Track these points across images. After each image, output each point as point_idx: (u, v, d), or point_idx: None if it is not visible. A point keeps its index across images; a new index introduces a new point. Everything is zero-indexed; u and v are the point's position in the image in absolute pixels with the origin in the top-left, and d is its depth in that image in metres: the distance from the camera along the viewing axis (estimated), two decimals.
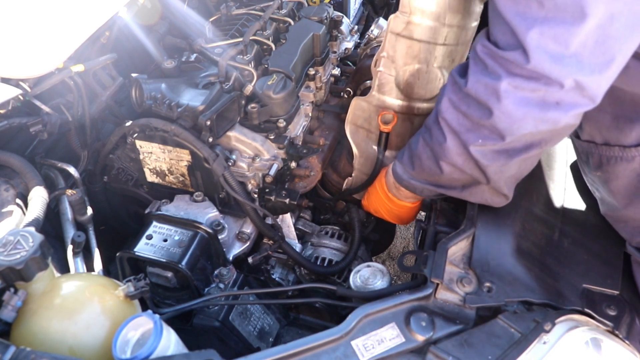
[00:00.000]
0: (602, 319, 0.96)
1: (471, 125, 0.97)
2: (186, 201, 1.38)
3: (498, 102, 0.89)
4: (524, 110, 0.88)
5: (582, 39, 0.80)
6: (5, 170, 1.26)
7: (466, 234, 1.09)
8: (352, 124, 1.46)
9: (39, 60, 1.15)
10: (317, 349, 0.89)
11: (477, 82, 0.93)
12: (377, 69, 1.33)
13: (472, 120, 0.96)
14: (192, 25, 1.57)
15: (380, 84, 1.35)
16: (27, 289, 0.88)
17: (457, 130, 1.00)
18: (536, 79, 0.85)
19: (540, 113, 0.88)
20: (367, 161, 1.53)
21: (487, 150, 0.98)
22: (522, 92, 0.87)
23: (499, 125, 0.92)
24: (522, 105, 0.88)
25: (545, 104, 0.87)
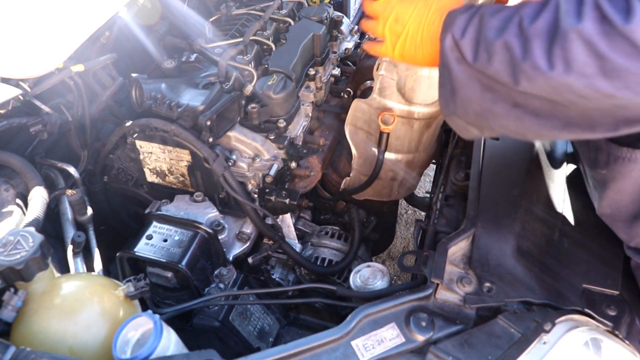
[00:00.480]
0: (602, 319, 0.96)
1: (602, 72, 0.70)
2: (186, 201, 1.38)
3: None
4: None
5: None
6: (5, 170, 1.26)
7: (466, 234, 1.09)
8: (352, 125, 1.47)
9: (39, 60, 1.15)
10: (317, 349, 0.89)
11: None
12: (379, 73, 1.33)
13: (609, 66, 0.70)
14: (192, 25, 1.57)
15: (382, 87, 1.35)
16: (27, 289, 0.88)
17: (576, 68, 0.72)
18: None
19: None
20: (365, 162, 1.53)
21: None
22: None
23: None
24: None
25: None
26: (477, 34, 0.82)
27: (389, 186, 1.62)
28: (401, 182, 1.62)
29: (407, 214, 2.92)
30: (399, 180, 1.60)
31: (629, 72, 0.69)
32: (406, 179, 1.61)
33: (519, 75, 0.77)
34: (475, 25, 0.82)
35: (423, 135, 1.47)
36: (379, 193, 1.64)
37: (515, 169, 1.27)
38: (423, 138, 1.48)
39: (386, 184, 1.60)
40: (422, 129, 1.44)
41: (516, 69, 0.77)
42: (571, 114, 0.79)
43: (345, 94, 1.66)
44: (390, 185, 1.62)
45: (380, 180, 1.56)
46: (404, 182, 1.63)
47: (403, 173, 1.57)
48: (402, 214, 2.90)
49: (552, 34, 0.73)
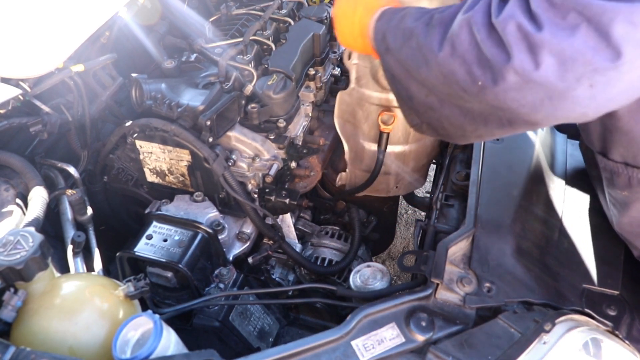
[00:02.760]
0: (602, 319, 0.96)
1: (478, 60, 0.77)
2: (186, 201, 1.38)
3: (528, 56, 0.70)
4: (559, 84, 0.70)
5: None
6: (5, 170, 1.26)
7: (466, 234, 1.09)
8: (340, 118, 1.45)
9: (39, 60, 1.15)
10: (317, 349, 0.89)
11: (510, 18, 0.72)
12: (352, 62, 1.32)
13: (482, 55, 0.76)
14: (192, 25, 1.58)
15: (358, 77, 1.34)
16: (27, 289, 0.88)
17: (458, 53, 0.79)
18: (598, 51, 0.66)
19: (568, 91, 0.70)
20: (357, 155, 1.52)
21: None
22: (564, 56, 0.68)
23: (510, 77, 0.73)
24: (555, 72, 0.69)
25: (582, 82, 0.69)
26: (399, 22, 0.92)
27: (384, 181, 1.60)
28: (397, 177, 1.60)
29: (407, 214, 2.93)
30: (393, 174, 1.58)
31: (494, 62, 0.74)
32: (401, 174, 1.59)
33: (420, 60, 0.85)
34: (399, 17, 0.93)
35: (408, 126, 1.44)
36: (375, 189, 1.62)
37: (515, 169, 1.27)
38: (409, 128, 1.45)
39: (381, 179, 1.57)
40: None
41: (418, 54, 0.86)
42: (468, 105, 0.85)
43: None
44: (386, 180, 1.59)
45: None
46: (400, 177, 1.60)
47: (395, 167, 1.55)
48: (402, 214, 2.90)
49: (449, 22, 0.81)
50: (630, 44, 0.66)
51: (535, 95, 0.73)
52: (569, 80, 0.70)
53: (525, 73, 0.71)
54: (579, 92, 0.70)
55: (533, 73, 0.71)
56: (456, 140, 1.01)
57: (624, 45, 0.66)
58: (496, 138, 1.31)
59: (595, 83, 0.69)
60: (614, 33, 0.65)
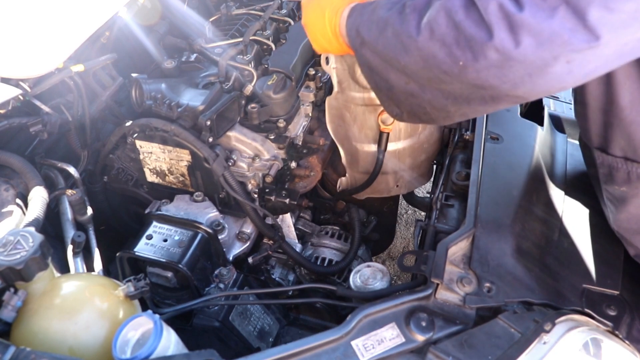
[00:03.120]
0: (602, 319, 0.96)
1: (457, 41, 0.78)
2: (186, 201, 1.38)
3: (509, 35, 0.72)
4: (534, 57, 0.72)
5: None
6: (5, 170, 1.26)
7: (466, 234, 1.09)
8: (332, 123, 1.45)
9: (39, 60, 1.15)
10: (317, 349, 0.89)
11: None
12: (330, 67, 1.32)
13: (462, 35, 0.77)
14: (192, 25, 1.58)
15: (339, 81, 1.33)
16: (27, 289, 0.88)
17: (437, 36, 0.80)
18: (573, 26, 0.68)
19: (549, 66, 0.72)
20: (353, 158, 1.52)
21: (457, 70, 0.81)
22: (542, 36, 0.70)
23: (492, 55, 0.74)
24: (535, 52, 0.71)
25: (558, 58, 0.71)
26: (371, 15, 0.93)
27: (383, 181, 1.58)
28: (396, 176, 1.59)
29: (407, 214, 2.93)
30: (391, 173, 1.57)
31: (475, 41, 0.75)
32: (399, 172, 1.57)
33: (398, 48, 0.86)
34: (370, 10, 0.94)
35: (399, 123, 1.44)
36: (375, 189, 1.61)
37: (515, 169, 1.27)
38: (400, 125, 1.45)
39: (380, 179, 1.54)
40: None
41: (396, 42, 0.86)
42: (449, 88, 0.86)
43: None
44: (384, 180, 1.58)
45: (369, 175, 1.52)
46: (399, 176, 1.59)
47: (391, 165, 1.54)
48: (402, 214, 2.90)
49: (426, 7, 0.82)
50: (606, 27, 0.68)
51: (516, 73, 0.75)
52: (547, 58, 0.72)
53: (505, 51, 0.73)
54: (557, 69, 0.73)
55: (513, 51, 0.73)
56: (440, 122, 1.02)
57: (600, 28, 0.68)
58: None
59: (572, 60, 0.72)
60: (590, 17, 0.67)
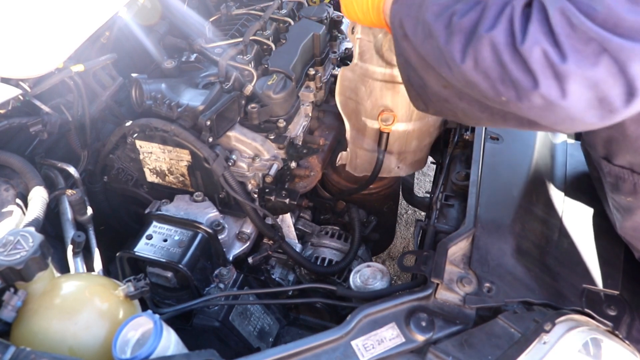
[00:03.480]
0: (602, 319, 0.96)
1: (502, 79, 0.77)
2: (186, 201, 1.38)
3: (554, 82, 0.72)
4: (581, 107, 0.73)
5: None
6: (5, 170, 1.26)
7: (466, 234, 1.09)
8: (342, 96, 1.43)
9: (39, 60, 1.15)
10: (317, 349, 0.89)
11: (535, 44, 0.72)
12: (355, 36, 1.30)
13: (507, 75, 0.77)
14: (192, 25, 1.58)
15: (361, 52, 1.31)
16: (27, 289, 0.88)
17: (481, 68, 0.79)
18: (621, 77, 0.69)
19: (598, 113, 0.73)
20: (359, 134, 1.49)
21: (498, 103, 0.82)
22: (590, 90, 0.71)
23: (536, 100, 0.75)
24: (581, 101, 0.72)
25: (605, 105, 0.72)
26: (418, 13, 0.90)
27: (386, 160, 1.54)
28: (399, 157, 1.56)
29: (407, 214, 2.93)
30: (396, 153, 1.54)
31: (520, 85, 0.75)
32: (404, 153, 1.55)
33: (441, 61, 0.86)
34: (418, 5, 0.91)
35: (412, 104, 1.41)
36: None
37: (515, 169, 1.27)
38: (410, 107, 1.42)
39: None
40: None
41: (440, 56, 0.86)
42: (489, 104, 0.86)
43: None
44: (387, 159, 1.54)
45: (374, 153, 1.50)
46: (402, 157, 1.56)
47: (398, 145, 1.51)
48: (402, 214, 2.90)
49: (472, 33, 0.80)
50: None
51: (559, 115, 0.76)
52: (592, 102, 0.73)
53: (551, 99, 0.74)
54: (598, 112, 0.74)
55: (560, 100, 0.73)
56: (465, 123, 1.02)
57: (638, 83, 0.69)
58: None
59: (614, 109, 0.73)
60: (630, 71, 0.68)
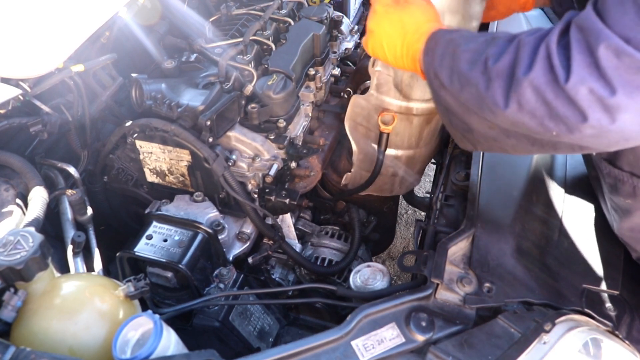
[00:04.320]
0: (602, 319, 0.96)
1: (549, 116, 0.77)
2: (186, 201, 1.38)
3: (605, 115, 0.72)
4: (635, 129, 0.73)
5: None
6: (5, 170, 1.26)
7: (466, 234, 1.09)
8: (351, 121, 1.46)
9: (39, 60, 1.14)
10: (317, 349, 0.89)
11: (581, 83, 0.71)
12: (374, 69, 1.32)
13: (554, 112, 0.76)
14: (192, 25, 1.57)
15: (379, 84, 1.34)
16: (27, 289, 0.88)
17: (527, 110, 0.79)
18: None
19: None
20: (365, 157, 1.53)
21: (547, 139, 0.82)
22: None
23: (587, 131, 0.74)
24: (634, 125, 0.72)
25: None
26: (451, 63, 0.90)
27: (390, 182, 1.61)
28: (402, 178, 1.61)
29: (407, 214, 2.93)
30: (400, 176, 1.60)
31: (569, 120, 0.75)
32: (407, 175, 1.60)
33: (483, 107, 0.85)
34: (451, 55, 0.91)
35: (423, 131, 1.46)
36: (380, 189, 1.63)
37: (515, 169, 1.27)
38: (423, 134, 1.47)
39: (387, 179, 1.59)
40: (421, 124, 1.43)
41: (481, 102, 0.85)
42: (538, 138, 0.85)
43: (345, 94, 1.66)
44: (391, 181, 1.61)
45: (381, 176, 1.55)
46: (405, 178, 1.62)
47: (404, 169, 1.57)
48: (402, 214, 2.90)
49: (510, 77, 0.80)
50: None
51: (612, 139, 0.76)
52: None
53: (602, 127, 0.73)
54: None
55: (610, 126, 0.73)
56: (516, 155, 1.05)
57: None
58: None
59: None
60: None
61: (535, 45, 0.78)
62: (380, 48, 1.08)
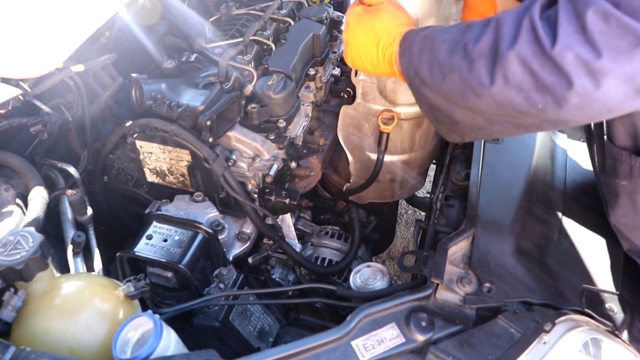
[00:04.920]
0: (602, 319, 0.96)
1: (535, 87, 0.77)
2: (186, 201, 1.38)
3: (589, 80, 0.72)
4: (619, 99, 0.73)
5: None
6: (5, 170, 1.26)
7: (466, 234, 1.09)
8: (344, 131, 1.47)
9: (39, 60, 1.14)
10: (317, 349, 0.89)
11: (567, 48, 0.71)
12: (358, 78, 1.33)
13: (540, 83, 0.76)
14: (192, 25, 1.57)
15: (364, 92, 1.36)
16: (27, 289, 0.88)
17: (513, 84, 0.79)
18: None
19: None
20: (362, 167, 1.54)
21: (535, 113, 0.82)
22: (627, 84, 0.71)
23: (573, 99, 0.74)
24: (618, 94, 0.72)
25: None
26: (430, 57, 0.91)
27: (389, 188, 1.62)
28: (402, 183, 1.62)
29: (407, 214, 2.93)
30: (399, 181, 1.61)
31: (555, 89, 0.75)
32: (406, 179, 1.61)
33: (467, 92, 0.85)
34: (429, 49, 0.91)
35: (415, 135, 1.47)
36: (381, 195, 1.65)
37: (515, 169, 1.27)
38: (416, 137, 1.48)
39: (386, 185, 1.60)
40: (412, 128, 1.44)
41: (465, 87, 0.85)
42: (522, 121, 0.86)
43: (345, 94, 1.66)
44: (390, 186, 1.62)
45: (379, 182, 1.56)
46: (405, 183, 1.63)
47: (402, 173, 1.57)
48: (402, 214, 2.90)
49: (493, 54, 0.80)
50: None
51: (596, 109, 0.76)
52: (629, 93, 0.73)
53: (587, 94, 0.73)
54: (637, 102, 0.75)
55: (594, 92, 0.73)
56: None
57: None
58: None
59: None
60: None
61: (517, 19, 0.78)
62: (358, 57, 1.09)
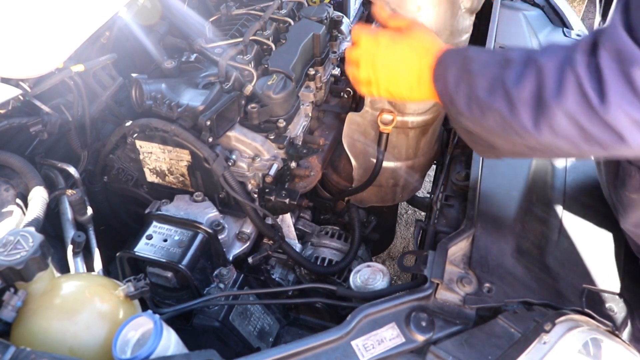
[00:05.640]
0: (602, 319, 0.96)
1: (585, 140, 0.76)
2: (186, 201, 1.38)
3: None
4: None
5: None
6: (5, 170, 1.26)
7: (466, 234, 1.09)
8: (349, 138, 1.48)
9: (39, 60, 1.14)
10: (317, 349, 0.89)
11: (618, 108, 0.69)
12: None
13: (589, 137, 0.75)
14: (192, 25, 1.57)
15: (373, 100, 1.36)
16: (27, 289, 0.88)
17: (560, 135, 0.77)
18: None
19: None
20: (366, 173, 1.55)
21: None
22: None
23: (624, 151, 0.75)
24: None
25: None
26: (468, 91, 0.87)
27: (392, 192, 1.63)
28: (403, 187, 1.63)
29: (407, 214, 2.93)
30: (401, 185, 1.61)
31: (605, 143, 0.75)
32: (408, 183, 1.61)
33: (509, 132, 0.83)
34: (466, 82, 0.87)
35: (420, 142, 1.48)
36: (382, 199, 1.65)
37: (515, 169, 1.27)
38: (420, 144, 1.49)
39: (389, 190, 1.61)
40: (418, 136, 1.45)
41: (507, 127, 0.83)
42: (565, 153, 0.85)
43: (345, 94, 1.66)
44: (393, 191, 1.63)
45: (382, 187, 1.56)
46: (407, 187, 1.63)
47: (404, 179, 1.58)
48: (402, 214, 2.90)
49: (537, 103, 0.77)
50: None
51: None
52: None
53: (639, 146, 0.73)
54: None
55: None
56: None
57: None
58: None
59: None
60: None
61: (560, 68, 0.75)
62: (394, 83, 1.00)
